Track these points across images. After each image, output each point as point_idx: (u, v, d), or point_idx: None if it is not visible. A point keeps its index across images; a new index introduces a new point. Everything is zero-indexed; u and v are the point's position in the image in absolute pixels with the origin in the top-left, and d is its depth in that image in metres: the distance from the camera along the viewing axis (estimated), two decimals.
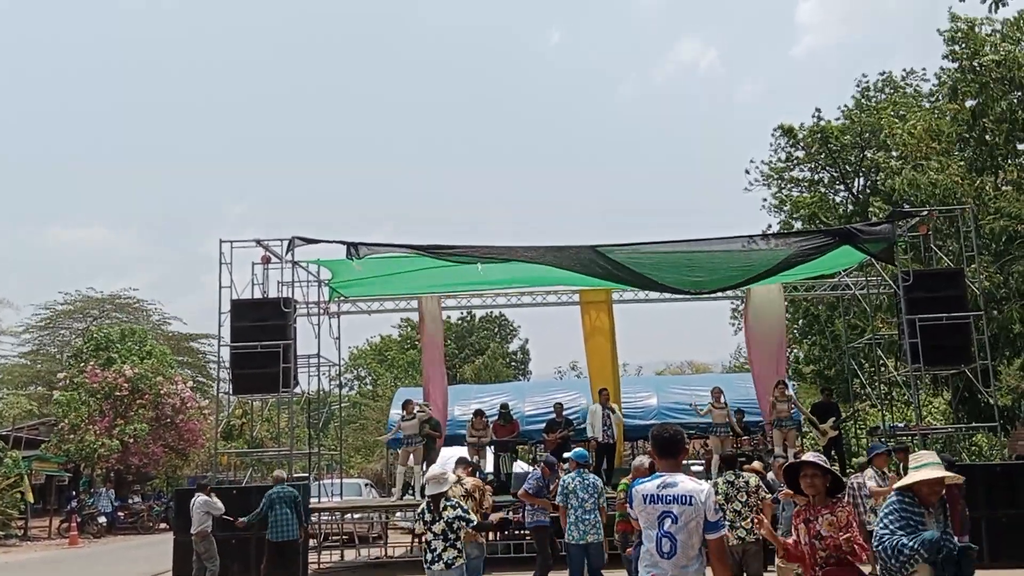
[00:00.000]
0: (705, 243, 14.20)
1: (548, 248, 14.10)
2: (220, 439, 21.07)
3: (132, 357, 30.34)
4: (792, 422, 15.53)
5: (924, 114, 20.53)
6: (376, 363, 54.15)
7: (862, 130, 26.73)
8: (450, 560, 7.11)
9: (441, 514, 7.17)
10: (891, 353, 18.07)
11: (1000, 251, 16.80)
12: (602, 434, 15.27)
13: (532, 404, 19.53)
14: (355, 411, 43.56)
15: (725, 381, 21.56)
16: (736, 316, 34.86)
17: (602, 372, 16.74)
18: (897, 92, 28.07)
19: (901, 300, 14.39)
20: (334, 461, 23.55)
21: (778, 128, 28.83)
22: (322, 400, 20.41)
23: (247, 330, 14.43)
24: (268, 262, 15.17)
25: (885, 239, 14.05)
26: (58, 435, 28.43)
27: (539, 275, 15.56)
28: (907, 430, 16.66)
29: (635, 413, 18.15)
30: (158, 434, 29.82)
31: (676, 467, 4.80)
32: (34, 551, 23.37)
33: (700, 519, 4.56)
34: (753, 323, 17.57)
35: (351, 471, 31.11)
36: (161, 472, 34.10)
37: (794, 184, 29.69)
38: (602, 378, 16.54)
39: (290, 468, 14.91)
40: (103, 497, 28.63)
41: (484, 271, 15.09)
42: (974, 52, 17.20)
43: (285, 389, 14.41)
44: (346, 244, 13.93)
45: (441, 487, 7.29)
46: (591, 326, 17.19)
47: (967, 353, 14.15)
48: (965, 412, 16.24)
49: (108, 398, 28.56)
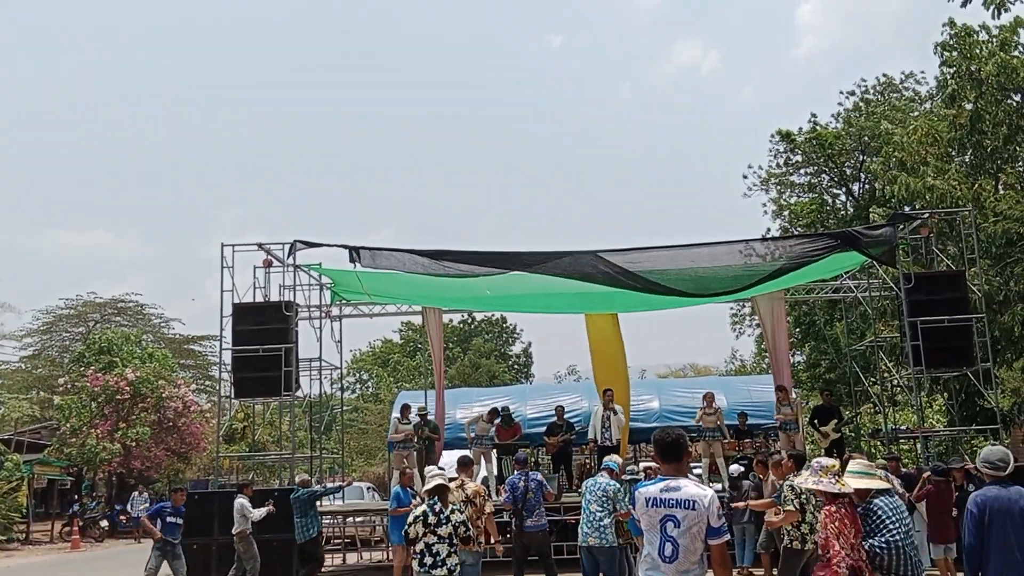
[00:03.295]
0: (706, 247, 14.19)
1: (550, 253, 14.09)
2: (222, 443, 21.08)
3: (134, 361, 30.34)
4: (796, 426, 15.51)
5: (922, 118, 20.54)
6: (379, 367, 54.16)
7: (861, 134, 26.73)
8: (453, 566, 6.93)
9: (449, 516, 7.01)
10: (892, 356, 18.07)
11: (1000, 254, 16.80)
12: (600, 436, 15.25)
13: (534, 407, 19.55)
14: (356, 415, 43.56)
15: (727, 384, 21.60)
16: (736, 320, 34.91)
17: (610, 379, 16.71)
18: (896, 94, 28.07)
19: (903, 303, 14.39)
20: (336, 464, 23.54)
21: (776, 133, 28.83)
22: (324, 403, 20.42)
23: (249, 334, 14.44)
24: (270, 266, 15.19)
25: (886, 242, 14.05)
26: (60, 439, 28.42)
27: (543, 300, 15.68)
28: (909, 432, 16.67)
29: (637, 416, 18.16)
30: (160, 438, 29.77)
31: (679, 471, 4.80)
32: (35, 555, 23.36)
33: (703, 524, 4.55)
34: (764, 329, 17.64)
35: (353, 474, 31.08)
36: (163, 476, 34.07)
37: (793, 189, 29.67)
38: (611, 384, 16.55)
39: (291, 471, 14.91)
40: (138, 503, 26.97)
41: (489, 290, 15.13)
42: (970, 57, 17.21)
43: (287, 392, 14.42)
44: (348, 248, 13.89)
45: (436, 481, 7.20)
46: (597, 336, 17.17)
47: (969, 355, 14.15)
48: (963, 415, 16.24)
49: (110, 402, 28.54)
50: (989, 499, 5.52)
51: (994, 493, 5.55)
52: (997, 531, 5.44)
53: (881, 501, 5.77)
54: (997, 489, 5.57)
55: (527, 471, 10.70)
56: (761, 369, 34.97)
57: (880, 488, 5.86)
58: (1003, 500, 5.48)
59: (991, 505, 5.50)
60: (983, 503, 5.52)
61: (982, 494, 5.60)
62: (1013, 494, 5.51)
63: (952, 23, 17.86)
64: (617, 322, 17.26)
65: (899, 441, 16.69)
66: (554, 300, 15.96)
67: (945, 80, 18.89)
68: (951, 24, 17.82)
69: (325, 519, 16.41)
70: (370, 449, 39.48)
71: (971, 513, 5.57)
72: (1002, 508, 5.45)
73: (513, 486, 10.57)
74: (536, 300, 16.17)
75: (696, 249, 14.16)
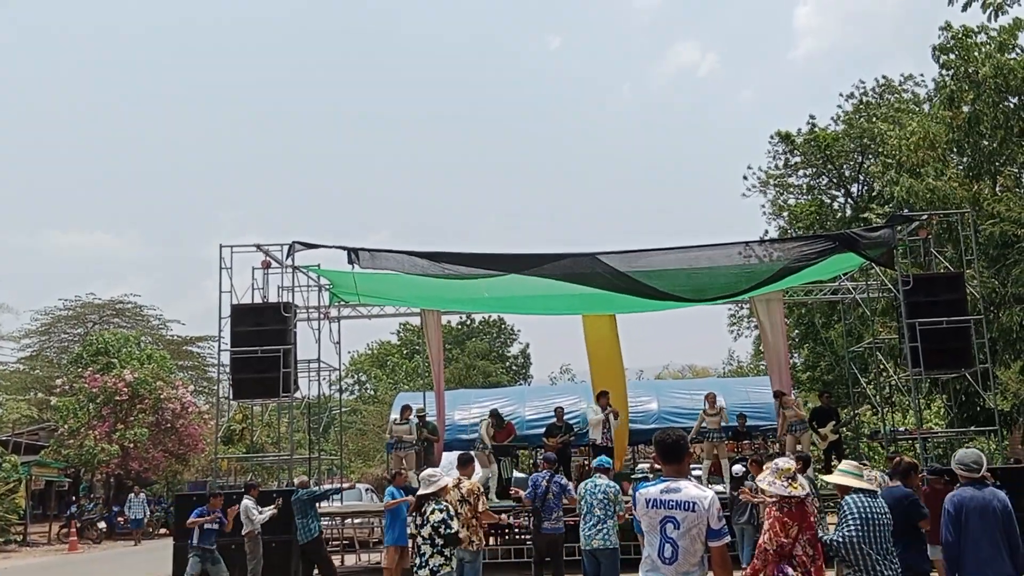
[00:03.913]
0: (704, 249, 14.18)
1: (548, 256, 14.07)
2: (220, 444, 21.05)
3: (132, 362, 30.31)
4: (803, 425, 15.48)
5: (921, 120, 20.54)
6: (377, 368, 54.11)
7: (860, 136, 26.75)
8: (436, 567, 6.90)
9: (428, 517, 6.97)
10: (891, 357, 18.08)
11: (998, 255, 16.82)
12: (602, 438, 15.24)
13: (532, 408, 19.54)
14: (355, 417, 43.54)
15: (725, 385, 21.59)
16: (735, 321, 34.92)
17: (607, 380, 16.71)
18: (895, 95, 28.09)
19: (901, 304, 14.40)
20: (334, 466, 23.53)
21: (776, 134, 28.85)
22: (322, 405, 20.39)
23: (247, 335, 14.42)
24: (268, 267, 15.17)
25: (885, 244, 14.05)
26: (57, 440, 28.38)
27: (541, 302, 15.67)
28: (908, 434, 16.67)
29: (636, 417, 18.15)
30: (158, 439, 29.75)
31: (680, 472, 4.79)
32: (33, 557, 23.32)
33: (703, 526, 4.55)
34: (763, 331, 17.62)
35: (351, 476, 31.06)
36: (161, 477, 34.04)
37: (792, 190, 29.67)
38: (607, 385, 16.54)
39: (290, 473, 14.90)
40: (136, 504, 27.13)
41: (487, 291, 15.14)
42: (968, 59, 17.22)
43: (285, 394, 14.40)
44: (347, 249, 13.87)
45: (428, 488, 7.14)
46: (594, 336, 17.18)
47: (967, 357, 14.15)
48: (961, 416, 16.25)
49: (108, 403, 28.51)
50: (965, 499, 5.96)
51: (969, 493, 5.99)
52: (973, 528, 5.86)
53: (850, 498, 5.88)
54: (972, 489, 6.01)
55: (553, 472, 10.60)
56: (759, 371, 34.99)
57: (860, 487, 5.91)
58: (978, 500, 5.91)
59: (967, 504, 5.92)
60: (959, 503, 5.95)
61: (958, 494, 6.03)
62: (987, 494, 5.97)
63: (949, 26, 17.88)
64: (614, 323, 17.27)
65: (898, 442, 16.69)
66: (552, 301, 16.02)
67: (943, 82, 18.91)
68: (947, 27, 17.84)
69: (324, 521, 16.40)
70: (368, 451, 39.46)
71: (948, 512, 6.00)
72: (977, 507, 5.88)
73: (536, 483, 10.50)
74: (534, 301, 16.21)
75: (694, 252, 14.16)
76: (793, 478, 6.03)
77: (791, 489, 5.96)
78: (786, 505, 5.94)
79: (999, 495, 6.05)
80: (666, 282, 14.43)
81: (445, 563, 6.94)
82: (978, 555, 5.83)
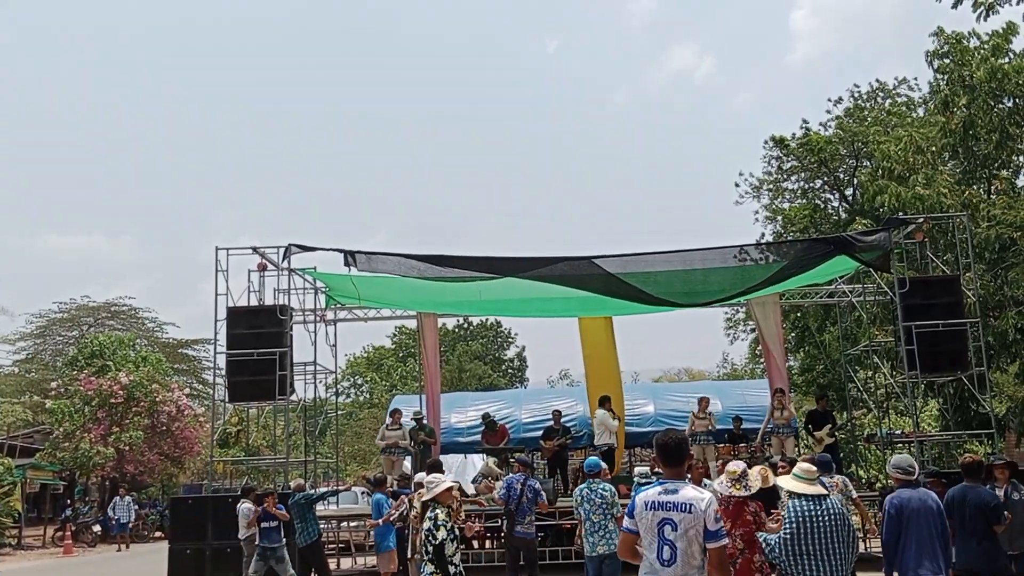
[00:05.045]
0: (699, 252, 14.19)
1: (546, 259, 14.07)
2: (216, 447, 21.01)
3: (127, 364, 30.22)
4: (790, 429, 15.54)
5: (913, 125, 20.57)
6: (372, 371, 54.05)
7: (854, 140, 26.75)
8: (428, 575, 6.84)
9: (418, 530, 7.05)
10: (887, 360, 18.09)
11: (994, 259, 16.84)
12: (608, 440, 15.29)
13: (529, 412, 19.52)
14: (351, 420, 43.47)
15: (721, 388, 21.60)
16: (731, 324, 34.89)
17: (603, 383, 16.70)
18: (889, 100, 28.12)
19: (897, 307, 14.43)
20: (330, 469, 23.50)
21: (770, 139, 28.84)
22: (318, 408, 20.37)
23: (243, 337, 14.38)
24: (264, 269, 15.14)
25: (880, 247, 14.07)
26: (52, 443, 28.26)
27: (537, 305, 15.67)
28: (904, 437, 16.69)
29: (632, 420, 18.15)
30: (153, 442, 29.67)
31: (680, 474, 4.80)
32: (28, 560, 23.24)
33: (700, 528, 4.55)
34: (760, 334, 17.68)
35: (347, 479, 31.01)
36: (157, 480, 33.94)
37: (786, 195, 29.65)
38: (604, 388, 16.51)
39: (286, 476, 14.87)
40: (121, 507, 26.44)
41: (482, 294, 15.15)
42: (962, 63, 17.25)
43: (281, 397, 14.36)
44: (343, 252, 13.86)
45: (428, 493, 7.11)
46: (590, 339, 17.18)
47: (964, 360, 14.17)
48: (957, 419, 16.27)
49: (103, 406, 28.43)
50: (904, 500, 6.51)
51: (907, 495, 6.54)
52: (914, 527, 6.38)
53: (791, 503, 5.88)
54: (908, 491, 6.57)
55: (527, 475, 10.61)
56: (755, 374, 34.99)
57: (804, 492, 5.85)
58: (915, 500, 6.46)
59: (906, 505, 6.45)
60: (899, 504, 6.49)
61: (897, 496, 6.59)
62: (923, 495, 6.56)
63: (941, 31, 17.92)
64: (610, 326, 17.28)
65: (894, 445, 16.71)
66: (549, 304, 16.04)
67: (938, 85, 18.94)
68: (940, 32, 17.88)
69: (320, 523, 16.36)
70: (364, 453, 39.41)
71: (888, 513, 6.57)
72: (915, 508, 6.42)
73: (510, 485, 10.52)
74: (531, 304, 16.22)
75: (691, 254, 14.17)
76: (738, 480, 7.00)
77: (732, 490, 7.01)
78: (725, 503, 6.95)
79: (932, 495, 6.60)
80: (661, 286, 14.44)
81: (435, 572, 6.80)
82: (922, 551, 6.30)
